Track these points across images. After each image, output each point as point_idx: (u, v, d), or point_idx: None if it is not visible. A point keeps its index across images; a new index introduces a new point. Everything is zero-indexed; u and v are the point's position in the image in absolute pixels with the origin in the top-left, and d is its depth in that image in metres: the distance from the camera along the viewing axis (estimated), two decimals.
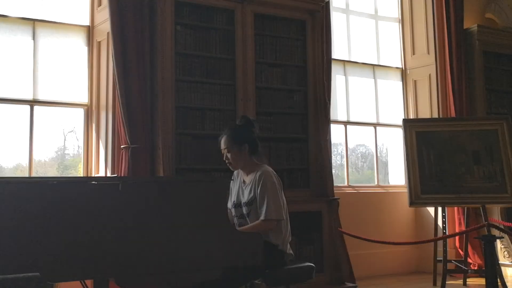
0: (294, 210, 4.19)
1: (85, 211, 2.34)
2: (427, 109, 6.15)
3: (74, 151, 4.84)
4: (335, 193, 4.93)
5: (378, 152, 6.24)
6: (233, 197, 3.33)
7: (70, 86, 4.63)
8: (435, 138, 5.40)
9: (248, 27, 4.70)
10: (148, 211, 2.45)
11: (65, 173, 4.76)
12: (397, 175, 6.34)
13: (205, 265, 2.54)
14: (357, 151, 6.36)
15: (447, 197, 5.19)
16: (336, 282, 4.70)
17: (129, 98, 4.23)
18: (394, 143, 6.37)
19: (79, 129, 4.69)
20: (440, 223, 5.20)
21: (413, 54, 6.36)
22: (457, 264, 5.24)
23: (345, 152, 5.95)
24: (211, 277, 2.57)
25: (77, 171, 4.78)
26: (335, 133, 5.80)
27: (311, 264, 3.27)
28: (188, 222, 2.52)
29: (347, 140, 5.98)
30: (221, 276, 2.59)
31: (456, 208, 5.76)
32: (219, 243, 2.58)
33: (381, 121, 6.27)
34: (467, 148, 5.36)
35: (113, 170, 4.34)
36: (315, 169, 4.87)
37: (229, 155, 3.25)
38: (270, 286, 3.14)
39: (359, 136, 6.20)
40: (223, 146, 3.28)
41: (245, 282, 3.13)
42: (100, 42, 4.62)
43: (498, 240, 5.23)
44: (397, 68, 6.44)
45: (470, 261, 5.58)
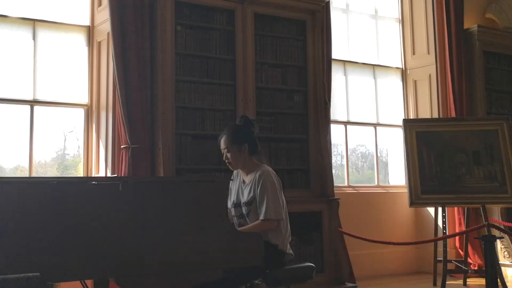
0: (294, 210, 4.20)
1: (85, 211, 2.34)
2: (427, 109, 6.15)
3: (74, 151, 4.84)
4: (335, 193, 4.93)
5: (378, 152, 6.23)
6: (232, 197, 3.33)
7: (70, 86, 4.63)
8: (435, 138, 5.40)
9: (248, 27, 4.70)
10: (148, 211, 2.45)
11: (65, 173, 4.76)
12: (397, 175, 6.34)
13: (205, 265, 2.54)
14: (357, 151, 6.36)
15: (447, 197, 5.19)
16: (336, 282, 4.70)
17: (129, 98, 4.23)
18: (394, 143, 6.37)
19: (79, 129, 4.69)
20: (440, 223, 5.20)
21: (413, 54, 6.36)
22: (457, 264, 5.24)
23: (345, 152, 5.95)
24: (211, 277, 2.57)
25: (77, 171, 4.78)
26: (335, 133, 5.80)
27: (311, 264, 3.27)
28: (188, 222, 2.52)
29: (347, 140, 5.98)
30: (221, 276, 2.59)
31: (456, 208, 5.76)
32: (219, 243, 2.58)
33: (381, 121, 6.27)
34: (467, 148, 5.36)
35: (113, 170, 4.34)
36: (315, 169, 4.87)
37: (228, 155, 3.25)
38: (270, 286, 3.13)
39: (359, 136, 6.19)
40: (223, 146, 3.28)
41: (245, 282, 3.13)
42: (100, 42, 4.63)
43: (498, 240, 5.22)
44: (397, 68, 6.44)
45: (470, 261, 5.58)
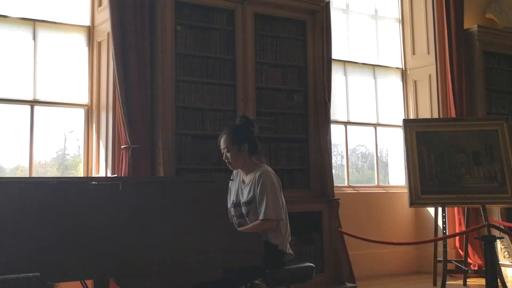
0: (294, 210, 4.20)
1: (85, 211, 2.34)
2: (427, 109, 6.15)
3: (74, 151, 4.85)
4: (335, 193, 4.93)
5: (378, 152, 6.23)
6: (232, 196, 3.33)
7: (70, 86, 4.63)
8: (435, 138, 5.40)
9: (248, 27, 4.70)
10: (148, 211, 2.45)
11: (66, 173, 4.76)
12: (397, 175, 6.34)
13: (205, 265, 2.54)
14: (357, 151, 6.36)
15: (447, 197, 5.19)
16: (336, 282, 4.70)
17: (129, 98, 4.23)
18: (394, 144, 6.37)
19: (79, 129, 4.69)
20: (440, 223, 5.20)
21: (413, 54, 6.36)
22: (457, 264, 5.24)
23: (345, 152, 5.95)
24: (211, 277, 2.57)
25: (77, 171, 4.78)
26: (335, 133, 5.80)
27: (311, 264, 3.27)
28: (188, 222, 2.52)
29: (347, 140, 5.98)
30: (221, 276, 2.59)
31: (456, 208, 5.76)
32: (219, 243, 2.58)
33: (381, 121, 6.27)
34: (467, 148, 5.36)
35: (113, 170, 4.34)
36: (315, 169, 4.87)
37: (228, 155, 3.25)
38: (270, 286, 3.13)
39: (359, 136, 6.19)
40: (223, 145, 3.28)
41: (245, 282, 3.13)
42: (100, 42, 4.63)
43: (498, 240, 5.22)
44: (397, 68, 6.44)
45: (470, 261, 5.58)
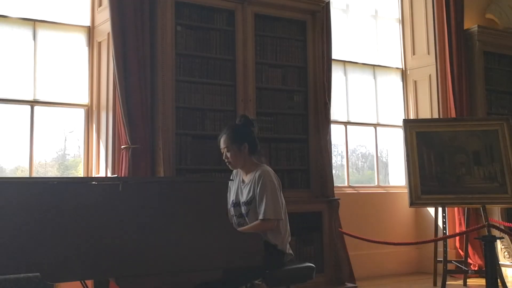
0: (294, 210, 4.20)
1: (85, 211, 2.34)
2: (427, 110, 6.15)
3: (74, 151, 4.85)
4: (335, 194, 4.93)
5: (378, 152, 6.23)
6: (232, 196, 3.33)
7: (70, 86, 4.63)
8: (435, 138, 5.40)
9: (248, 28, 4.70)
10: (148, 212, 2.45)
11: (66, 174, 4.76)
12: (397, 175, 6.34)
13: (205, 266, 2.54)
14: (357, 151, 6.36)
15: (447, 197, 5.19)
16: (336, 282, 4.70)
17: (130, 98, 4.23)
18: (394, 144, 6.37)
19: (79, 129, 4.69)
20: (440, 223, 5.20)
21: (413, 54, 6.36)
22: (457, 264, 5.24)
23: (345, 152, 5.95)
24: (211, 277, 2.57)
25: (77, 171, 4.78)
26: (335, 133, 5.80)
27: (311, 264, 3.27)
28: (188, 222, 2.52)
29: (347, 140, 5.98)
30: (221, 276, 2.59)
31: (456, 208, 5.76)
32: (219, 243, 2.58)
33: (381, 121, 6.27)
34: (467, 148, 5.36)
35: (113, 170, 4.34)
36: (316, 170, 4.87)
37: (228, 154, 3.25)
38: (270, 286, 3.13)
39: (359, 136, 6.19)
40: (223, 145, 3.28)
41: (245, 282, 3.13)
42: (100, 42, 4.63)
43: (498, 240, 5.22)
44: (397, 68, 6.44)
45: (470, 261, 5.57)
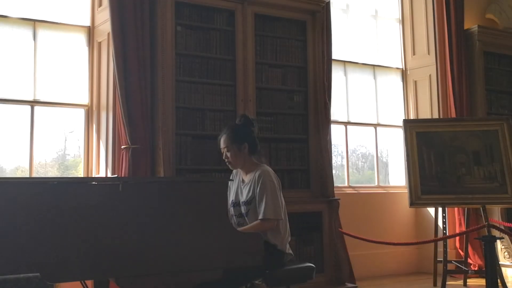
0: (294, 210, 4.21)
1: (85, 211, 2.34)
2: (428, 110, 6.15)
3: (74, 151, 4.85)
4: (335, 194, 4.93)
5: (378, 152, 6.23)
6: (231, 196, 3.33)
7: (70, 86, 4.63)
8: (435, 138, 5.40)
9: (248, 28, 4.70)
10: (148, 212, 2.45)
11: (66, 174, 4.76)
12: (397, 175, 6.34)
13: (205, 266, 2.54)
14: (357, 151, 6.36)
15: (448, 197, 5.19)
16: (336, 282, 4.70)
17: (130, 98, 4.23)
18: (394, 144, 6.37)
19: (79, 129, 4.69)
20: (440, 223, 5.20)
21: (414, 54, 6.36)
22: (457, 264, 5.24)
23: (345, 152, 5.95)
24: (211, 277, 2.57)
25: (77, 171, 4.78)
26: (336, 133, 5.80)
27: (311, 264, 3.27)
28: (188, 222, 2.52)
29: (348, 140, 5.98)
30: (221, 276, 2.59)
31: (456, 208, 5.76)
32: (219, 243, 2.58)
33: (382, 121, 6.27)
34: (467, 148, 5.36)
35: (113, 170, 4.34)
36: (316, 170, 4.87)
37: (228, 154, 3.26)
38: (270, 286, 3.13)
39: (360, 136, 6.20)
40: (223, 145, 3.28)
41: (245, 282, 3.13)
42: (100, 42, 4.63)
43: (498, 240, 5.22)
44: (398, 68, 6.44)
45: (470, 261, 5.57)
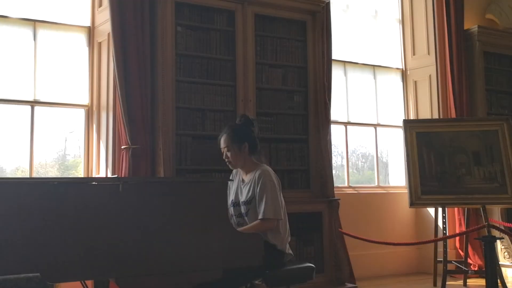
0: (294, 210, 4.21)
1: (85, 211, 2.34)
2: (428, 110, 6.16)
3: (74, 151, 4.85)
4: (335, 194, 4.93)
5: (378, 152, 6.24)
6: (231, 196, 3.33)
7: (70, 86, 4.63)
8: (435, 138, 5.40)
9: (248, 28, 4.71)
10: (148, 212, 2.45)
11: (66, 174, 4.76)
12: (397, 175, 6.34)
13: (205, 266, 2.54)
14: (357, 151, 6.36)
15: (448, 197, 5.19)
16: (336, 282, 4.70)
17: (130, 98, 4.23)
18: (394, 144, 6.37)
19: (79, 129, 4.69)
20: (440, 223, 5.20)
21: (414, 54, 6.36)
22: (457, 264, 5.24)
23: (345, 152, 5.95)
24: (211, 277, 2.57)
25: (78, 171, 4.78)
26: (336, 133, 5.80)
27: (311, 264, 3.28)
28: (188, 222, 2.53)
29: (348, 140, 5.98)
30: (221, 276, 2.59)
31: (456, 208, 5.76)
32: (219, 243, 2.58)
33: (382, 121, 6.27)
34: (467, 148, 5.36)
35: (113, 170, 4.35)
36: (316, 170, 4.87)
37: (229, 154, 3.26)
38: (270, 286, 3.13)
39: (360, 136, 6.20)
40: (223, 145, 3.28)
41: (245, 282, 3.13)
42: (100, 42, 4.63)
43: (498, 241, 5.22)
44: (398, 68, 6.44)
45: (470, 261, 5.58)
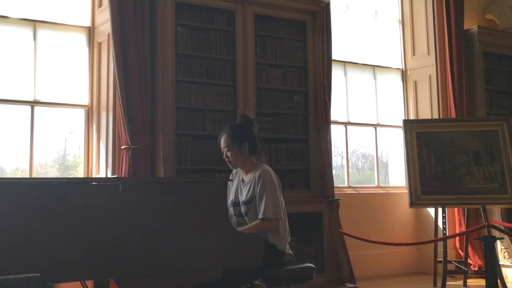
0: (294, 210, 4.21)
1: (85, 211, 2.34)
2: (427, 110, 6.16)
3: (74, 152, 4.85)
4: (335, 194, 4.93)
5: (378, 153, 6.23)
6: (231, 195, 3.34)
7: (70, 87, 4.63)
8: (435, 139, 5.40)
9: (248, 28, 4.71)
10: (148, 212, 2.45)
11: (66, 174, 4.76)
12: (397, 176, 6.34)
13: (205, 266, 2.54)
14: (357, 151, 6.36)
15: (448, 198, 5.19)
16: (336, 282, 4.70)
17: (130, 99, 4.23)
18: (394, 144, 6.37)
19: (79, 130, 4.69)
20: (440, 224, 5.20)
21: (414, 55, 6.36)
22: (457, 265, 5.24)
23: (345, 152, 5.95)
24: (211, 277, 2.57)
25: (78, 172, 4.78)
26: (336, 133, 5.80)
27: (311, 264, 3.28)
28: (188, 223, 2.53)
29: (348, 140, 5.98)
30: (221, 276, 2.59)
31: (456, 209, 5.76)
32: (219, 243, 2.58)
33: (382, 122, 6.27)
34: (467, 149, 5.36)
35: (113, 170, 4.35)
36: (316, 170, 4.87)
37: (229, 154, 3.26)
38: (270, 286, 3.13)
39: (360, 136, 6.20)
40: (223, 144, 3.29)
41: (245, 282, 3.13)
42: (100, 43, 4.63)
43: (498, 241, 5.22)
44: (398, 69, 6.44)
45: (470, 262, 5.57)
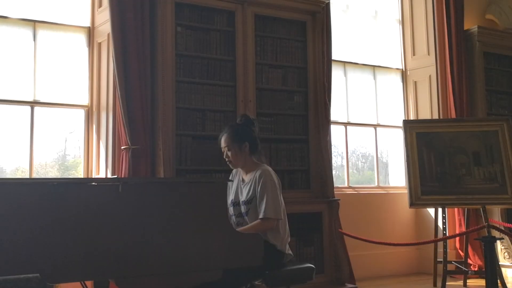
0: (294, 211, 4.21)
1: (85, 212, 2.34)
2: (427, 110, 6.16)
3: (74, 152, 4.85)
4: (335, 194, 4.93)
5: (378, 153, 6.24)
6: (231, 195, 3.34)
7: (70, 87, 4.63)
8: (435, 139, 5.41)
9: (248, 28, 4.71)
10: (148, 212, 2.45)
11: (66, 174, 4.76)
12: (397, 176, 6.34)
13: (205, 266, 2.54)
14: (357, 152, 6.36)
15: (448, 198, 5.19)
16: (336, 283, 4.70)
17: (130, 99, 4.23)
18: (394, 144, 6.37)
19: (79, 130, 4.69)
20: (440, 224, 5.20)
21: (414, 55, 6.36)
22: (457, 265, 5.24)
23: (345, 153, 5.95)
24: (211, 278, 2.57)
25: (77, 172, 4.78)
26: (336, 134, 5.80)
27: (311, 265, 3.28)
28: (188, 223, 2.53)
29: (347, 141, 5.98)
30: (221, 276, 2.59)
31: (456, 209, 5.76)
32: (219, 244, 2.58)
33: (381, 122, 6.27)
34: (467, 149, 5.36)
35: (113, 171, 4.34)
36: (316, 170, 4.87)
37: (229, 154, 3.27)
38: (270, 287, 3.13)
39: (360, 137, 6.20)
40: (224, 144, 3.29)
41: (245, 282, 3.13)
42: (100, 43, 4.63)
43: (498, 241, 5.22)
44: (398, 69, 6.44)
45: (470, 262, 5.58)
